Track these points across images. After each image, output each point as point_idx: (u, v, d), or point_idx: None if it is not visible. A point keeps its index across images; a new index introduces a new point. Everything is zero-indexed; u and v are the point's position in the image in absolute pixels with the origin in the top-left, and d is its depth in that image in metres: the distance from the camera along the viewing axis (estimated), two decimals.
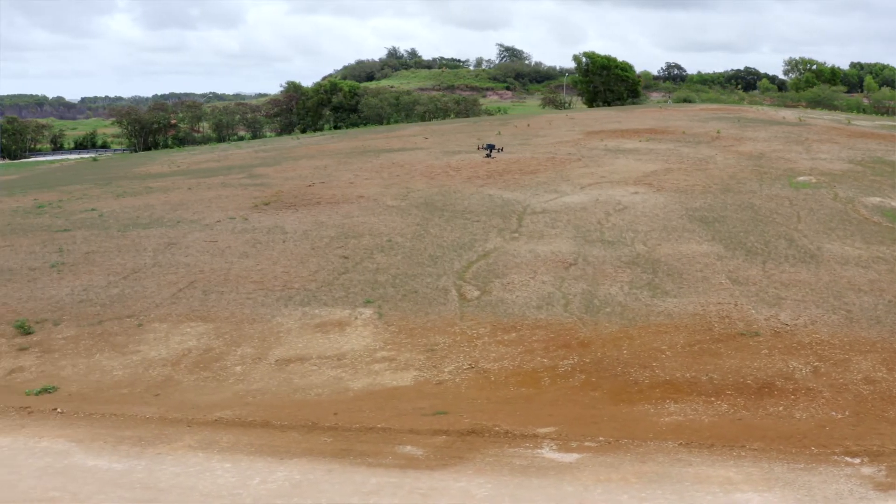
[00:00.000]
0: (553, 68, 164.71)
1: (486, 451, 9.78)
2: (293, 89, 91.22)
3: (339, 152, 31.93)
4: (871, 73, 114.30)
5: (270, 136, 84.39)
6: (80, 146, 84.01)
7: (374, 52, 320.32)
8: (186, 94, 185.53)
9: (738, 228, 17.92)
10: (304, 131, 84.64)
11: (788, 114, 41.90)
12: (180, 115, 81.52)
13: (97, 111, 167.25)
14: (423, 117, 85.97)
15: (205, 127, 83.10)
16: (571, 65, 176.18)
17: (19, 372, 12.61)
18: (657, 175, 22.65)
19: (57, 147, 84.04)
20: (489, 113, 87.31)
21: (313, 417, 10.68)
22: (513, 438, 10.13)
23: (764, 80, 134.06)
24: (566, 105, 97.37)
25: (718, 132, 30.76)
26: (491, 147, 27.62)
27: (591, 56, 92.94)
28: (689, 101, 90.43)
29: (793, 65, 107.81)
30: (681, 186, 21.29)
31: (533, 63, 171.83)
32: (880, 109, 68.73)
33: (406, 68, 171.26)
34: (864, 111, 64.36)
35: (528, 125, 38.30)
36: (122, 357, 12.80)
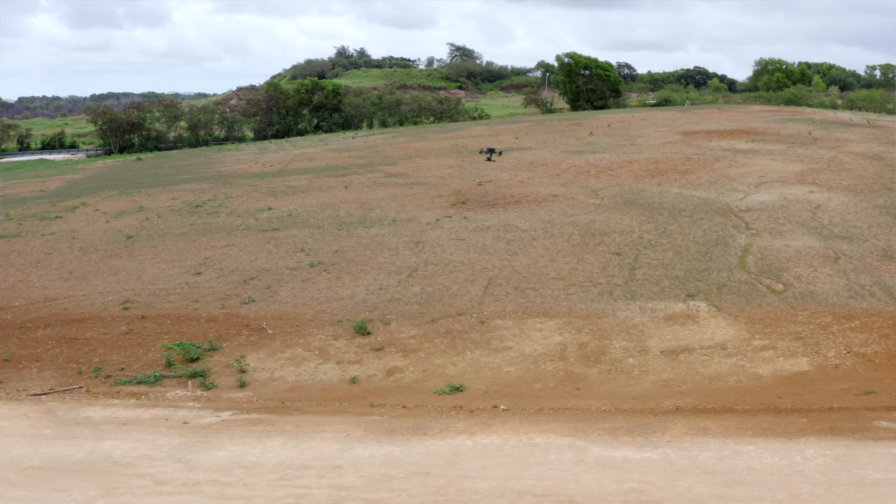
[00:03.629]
0: (504, 67, 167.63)
1: None
2: (272, 88, 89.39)
3: (441, 151, 32.04)
4: (818, 72, 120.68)
5: (249, 137, 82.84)
6: (47, 146, 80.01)
7: (302, 51, 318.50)
8: (125, 94, 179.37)
9: None
10: (283, 131, 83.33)
11: (848, 115, 44.44)
12: (156, 114, 78.70)
13: (35, 111, 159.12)
14: (406, 117, 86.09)
15: (182, 126, 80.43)
16: (523, 64, 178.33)
17: (399, 372, 12.49)
18: (809, 175, 23.88)
19: (24, 147, 79.71)
20: (472, 116, 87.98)
21: (762, 402, 11.07)
22: None
23: (714, 80, 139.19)
24: (549, 105, 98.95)
25: (810, 133, 32.48)
26: (491, 150, 28.80)
27: (573, 56, 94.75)
28: (671, 102, 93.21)
29: (763, 65, 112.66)
30: (844, 185, 22.55)
31: (484, 63, 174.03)
32: (854, 108, 72.85)
33: (356, 67, 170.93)
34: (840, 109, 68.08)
35: (609, 125, 39.32)
36: (498, 354, 12.84)
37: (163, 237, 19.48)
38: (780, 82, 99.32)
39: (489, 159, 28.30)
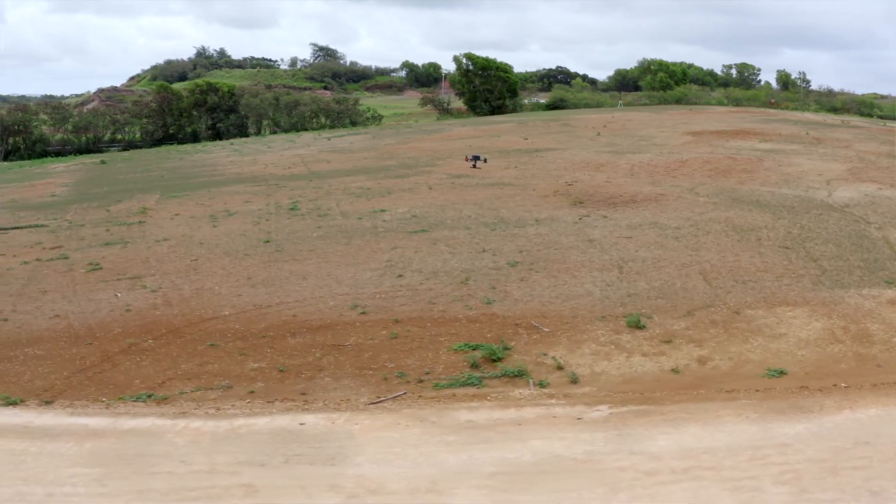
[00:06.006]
0: (369, 68, 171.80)
1: None
2: (163, 90, 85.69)
3: (463, 152, 32.65)
4: (662, 70, 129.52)
5: (139, 140, 79.76)
6: None
7: (142, 51, 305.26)
8: None
9: None
10: (174, 133, 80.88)
11: (822, 117, 49.63)
12: (43, 116, 73.21)
13: None
14: (304, 118, 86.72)
15: (67, 129, 75.16)
16: (387, 65, 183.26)
17: (710, 361, 13.29)
18: (857, 173, 26.92)
19: None
20: (366, 118, 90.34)
21: None
22: None
23: (578, 80, 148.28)
24: (446, 105, 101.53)
25: (808, 133, 36.27)
26: (476, 157, 30.63)
27: (471, 57, 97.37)
28: (566, 102, 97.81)
29: (645, 65, 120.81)
30: None
31: (348, 63, 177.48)
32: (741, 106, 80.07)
33: (218, 68, 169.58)
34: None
35: (605, 126, 41.44)
36: (779, 340, 13.95)
37: (305, 241, 18.99)
38: (663, 82, 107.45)
39: (475, 166, 29.22)
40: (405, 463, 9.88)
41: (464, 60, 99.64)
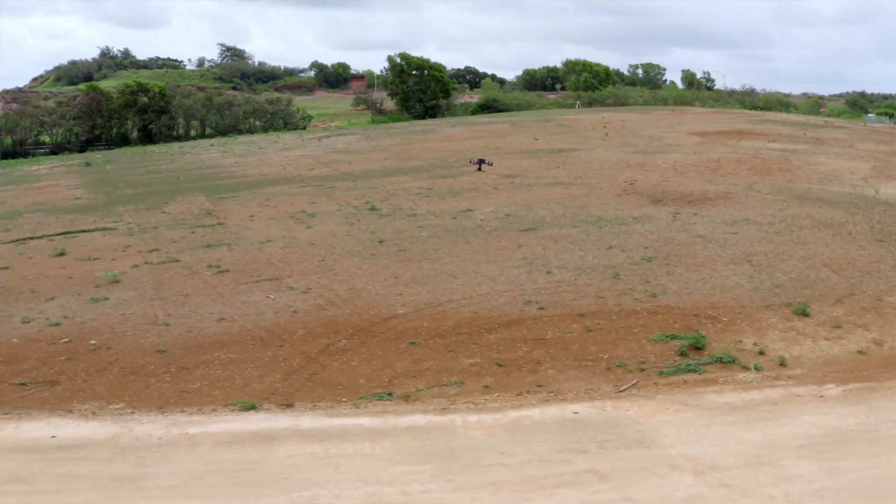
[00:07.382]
0: (277, 68, 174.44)
1: None
2: (92, 90, 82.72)
3: (482, 152, 33.59)
4: (586, 70, 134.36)
5: (67, 142, 78.14)
6: None
7: (33, 51, 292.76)
8: None
9: None
10: (101, 135, 79.09)
11: (805, 117, 52.91)
12: None
13: None
14: (238, 119, 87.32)
15: None
16: (294, 65, 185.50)
17: (884, 343, 14.82)
18: (884, 171, 29.56)
19: None
20: (302, 118, 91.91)
21: None
22: None
23: (487, 80, 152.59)
24: (379, 105, 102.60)
25: (805, 133, 39.16)
26: (482, 161, 32.35)
27: (405, 57, 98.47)
28: (499, 102, 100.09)
29: (570, 66, 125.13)
30: None
31: (257, 63, 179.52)
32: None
33: (123, 68, 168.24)
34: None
35: (605, 126, 43.23)
36: None
37: (420, 241, 19.60)
38: (587, 82, 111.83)
39: (479, 169, 30.50)
40: (711, 442, 10.78)
41: (398, 60, 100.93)
